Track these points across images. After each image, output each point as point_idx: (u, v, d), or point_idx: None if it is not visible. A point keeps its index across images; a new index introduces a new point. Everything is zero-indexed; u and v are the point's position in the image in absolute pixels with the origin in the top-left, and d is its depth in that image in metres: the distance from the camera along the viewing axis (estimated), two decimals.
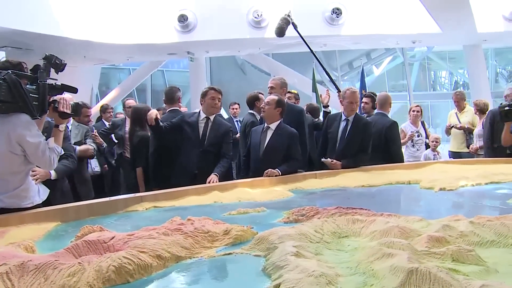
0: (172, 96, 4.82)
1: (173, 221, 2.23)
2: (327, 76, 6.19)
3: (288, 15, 5.03)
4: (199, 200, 3.20)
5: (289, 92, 5.86)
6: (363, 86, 9.90)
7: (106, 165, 5.94)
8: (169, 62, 20.66)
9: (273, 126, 4.33)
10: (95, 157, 5.10)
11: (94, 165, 5.44)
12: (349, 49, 16.67)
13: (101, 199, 2.99)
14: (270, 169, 3.94)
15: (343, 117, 4.61)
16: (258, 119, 5.36)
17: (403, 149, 6.67)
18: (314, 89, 9.89)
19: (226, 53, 15.66)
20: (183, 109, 5.73)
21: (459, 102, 7.16)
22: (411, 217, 2.22)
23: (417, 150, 6.71)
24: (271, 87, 5.02)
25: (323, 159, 4.45)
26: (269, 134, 4.32)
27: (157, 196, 3.16)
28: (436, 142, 6.68)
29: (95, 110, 15.01)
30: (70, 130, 4.55)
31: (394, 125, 5.18)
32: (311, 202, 3.08)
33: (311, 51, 5.49)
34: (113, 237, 1.87)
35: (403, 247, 1.64)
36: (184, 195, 3.26)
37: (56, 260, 1.62)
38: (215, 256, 1.85)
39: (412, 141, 6.70)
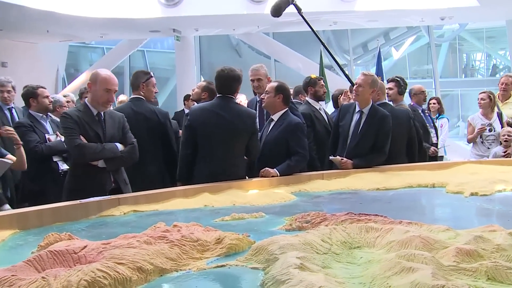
0: (134, 82, 4.71)
1: (156, 228, 2.24)
2: (339, 59, 6.19)
3: None
4: (187, 203, 3.21)
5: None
6: (379, 71, 9.92)
7: None
8: (151, 41, 20.64)
9: (276, 116, 4.34)
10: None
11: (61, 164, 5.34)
12: (364, 27, 16.65)
13: (70, 201, 2.99)
14: (266, 168, 3.95)
15: (357, 109, 4.61)
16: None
17: (470, 146, 6.58)
18: (322, 75, 9.90)
19: (219, 31, 15.63)
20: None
21: (508, 88, 6.73)
22: (436, 226, 2.22)
23: (488, 148, 6.34)
24: (258, 79, 5.01)
25: (331, 157, 4.46)
26: (271, 126, 4.34)
27: (137, 198, 3.17)
28: (509, 136, 5.97)
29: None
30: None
31: None
32: (317, 206, 3.11)
33: (321, 41, 5.50)
34: (84, 247, 1.88)
35: (426, 260, 1.64)
36: (169, 197, 3.28)
37: (13, 276, 1.60)
38: (206, 269, 1.85)
39: (481, 137, 6.38)
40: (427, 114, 6.88)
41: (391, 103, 5.73)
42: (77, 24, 12.04)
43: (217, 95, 4.14)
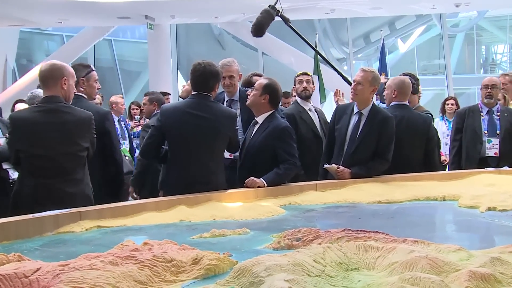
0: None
1: (124, 246, 2.24)
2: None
3: (273, 7, 5.10)
4: (160, 217, 3.21)
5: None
6: (383, 67, 9.97)
7: None
8: (120, 29, 20.57)
9: (261, 119, 4.36)
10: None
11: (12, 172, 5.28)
12: (366, 16, 16.75)
13: (21, 216, 2.96)
14: (251, 178, 3.97)
15: (355, 110, 4.64)
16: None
17: None
18: (317, 71, 9.92)
19: (198, 19, 15.65)
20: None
21: (508, 88, 6.71)
22: (446, 246, 2.23)
23: None
24: (230, 77, 5.02)
25: (326, 166, 4.48)
26: (255, 130, 4.37)
27: (102, 212, 3.15)
28: None
29: (11, 92, 14.68)
30: None
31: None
32: (309, 222, 3.13)
33: (314, 49, 5.56)
34: (38, 269, 1.86)
35: (433, 285, 1.66)
36: (139, 210, 3.27)
37: None
38: None
39: None
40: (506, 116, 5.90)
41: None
42: (29, 6, 11.91)
43: (192, 93, 4.17)
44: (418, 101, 5.85)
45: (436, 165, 5.21)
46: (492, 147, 5.82)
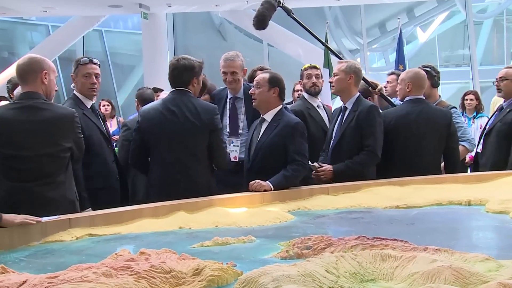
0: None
1: (118, 256, 2.25)
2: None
3: None
4: (158, 224, 3.23)
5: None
6: (401, 58, 9.93)
7: None
8: (111, 19, 20.56)
9: (269, 116, 4.38)
10: None
11: None
12: (381, 2, 16.72)
13: None
14: (257, 181, 3.98)
15: (343, 105, 4.81)
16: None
17: None
18: (327, 64, 9.89)
19: (197, 8, 15.63)
20: None
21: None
22: (472, 255, 2.23)
23: None
24: (233, 73, 5.00)
25: (309, 163, 4.49)
26: (263, 128, 4.39)
27: (94, 218, 3.16)
28: None
29: None
30: None
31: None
32: (320, 228, 3.15)
33: (322, 43, 5.58)
34: (23, 282, 1.87)
35: None
36: (134, 217, 3.29)
37: None
38: None
39: None
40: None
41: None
42: None
43: (171, 90, 4.31)
44: (440, 96, 5.82)
45: (455, 169, 5.15)
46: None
